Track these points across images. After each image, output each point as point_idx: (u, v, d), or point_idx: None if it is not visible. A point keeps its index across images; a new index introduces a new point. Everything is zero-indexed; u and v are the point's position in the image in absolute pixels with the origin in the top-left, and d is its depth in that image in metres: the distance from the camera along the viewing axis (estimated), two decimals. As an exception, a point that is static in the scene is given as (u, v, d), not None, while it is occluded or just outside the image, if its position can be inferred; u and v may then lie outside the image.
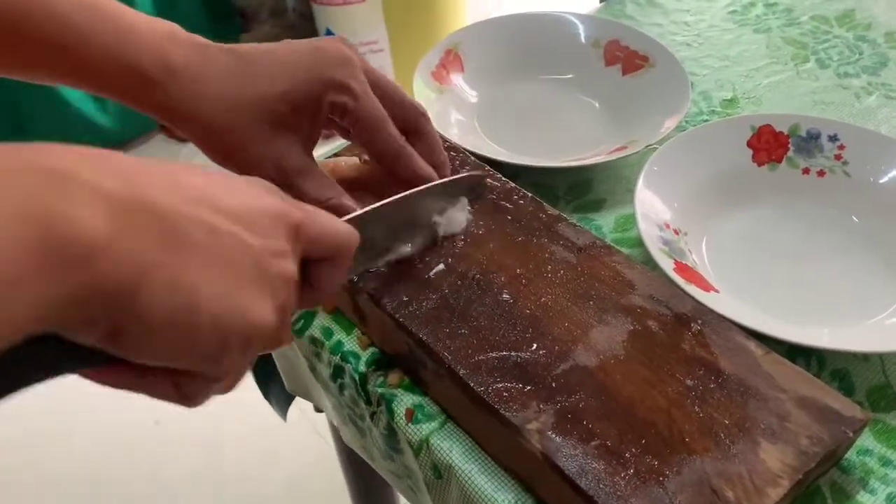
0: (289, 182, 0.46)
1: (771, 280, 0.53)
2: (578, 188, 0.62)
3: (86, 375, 0.30)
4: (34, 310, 0.23)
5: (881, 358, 0.48)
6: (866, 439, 0.44)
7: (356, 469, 0.85)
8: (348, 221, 0.39)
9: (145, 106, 0.44)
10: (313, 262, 0.36)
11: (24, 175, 0.23)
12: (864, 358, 0.48)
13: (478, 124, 0.69)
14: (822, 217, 0.57)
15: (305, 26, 1.42)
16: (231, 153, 0.47)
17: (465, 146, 0.60)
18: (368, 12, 1.37)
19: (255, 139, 0.45)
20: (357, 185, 0.52)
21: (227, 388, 0.33)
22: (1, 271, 0.22)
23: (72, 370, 0.28)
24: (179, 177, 0.29)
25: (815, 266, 0.54)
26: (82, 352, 0.27)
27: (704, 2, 0.87)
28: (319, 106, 0.45)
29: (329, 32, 1.20)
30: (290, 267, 0.32)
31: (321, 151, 0.55)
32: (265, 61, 0.45)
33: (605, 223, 0.58)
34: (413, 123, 0.49)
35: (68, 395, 1.59)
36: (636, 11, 0.83)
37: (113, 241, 0.24)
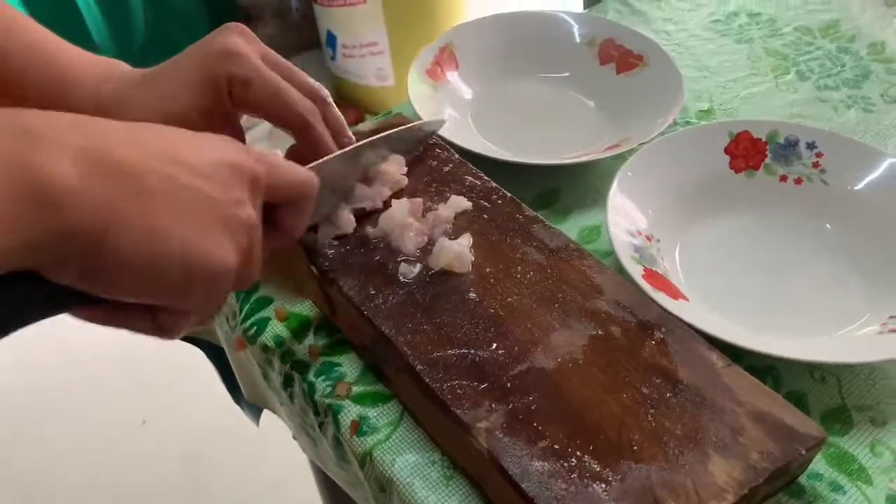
0: None
1: (744, 289, 0.53)
2: (546, 196, 0.62)
3: (73, 313, 0.33)
4: (14, 252, 0.26)
5: (838, 379, 0.47)
6: (818, 463, 0.43)
7: (325, 476, 0.85)
8: (312, 169, 0.42)
9: None
10: (278, 206, 0.39)
11: (1, 132, 0.27)
12: (822, 379, 0.47)
13: (471, 121, 0.69)
14: (798, 226, 0.56)
15: (309, 27, 1.42)
16: None
17: (457, 142, 0.60)
18: (369, 14, 1.37)
19: None
20: None
21: (201, 321, 0.36)
22: None
23: (56, 309, 0.31)
24: (144, 134, 0.33)
25: (789, 276, 0.53)
26: (64, 291, 0.30)
27: (687, 11, 0.86)
28: (223, 104, 0.47)
29: (330, 34, 1.21)
30: (250, 214, 0.35)
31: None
32: (164, 81, 0.47)
33: (570, 234, 0.56)
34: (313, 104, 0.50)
35: (55, 393, 1.63)
36: (618, 18, 0.83)
37: (82, 189, 0.28)
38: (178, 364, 1.07)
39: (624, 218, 0.53)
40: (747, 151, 0.59)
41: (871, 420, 0.46)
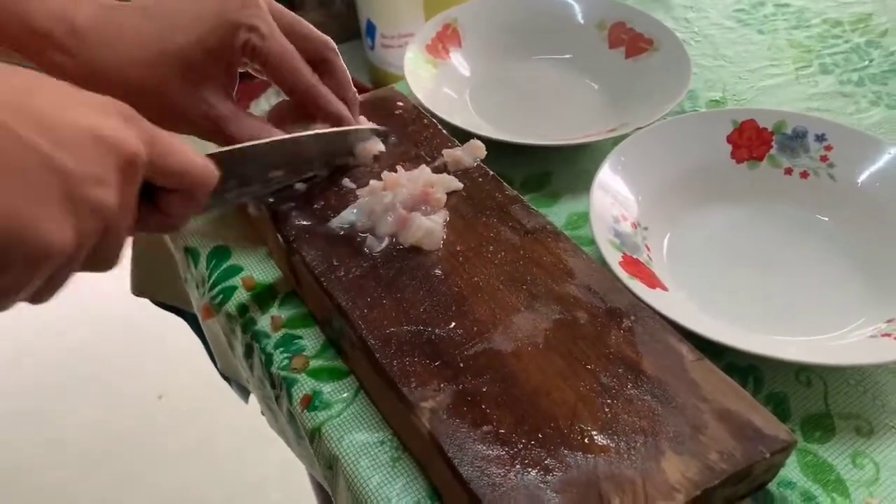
0: (218, 129, 0.46)
1: (734, 284, 0.49)
2: (536, 180, 0.59)
3: None
4: None
5: (825, 384, 0.44)
6: (792, 471, 0.40)
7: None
8: (214, 156, 0.38)
9: (53, 68, 0.44)
10: (165, 191, 0.36)
11: None
12: (807, 383, 0.44)
13: (469, 100, 0.67)
14: (800, 221, 0.53)
15: (352, 17, 1.41)
16: (154, 111, 0.45)
17: (450, 119, 0.58)
18: (408, 4, 1.35)
19: (177, 93, 0.46)
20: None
21: (35, 300, 0.31)
22: None
23: None
24: (10, 78, 0.28)
25: (786, 272, 0.50)
26: None
27: (710, -1, 0.82)
28: (232, 49, 0.45)
29: (369, 23, 1.20)
30: (108, 197, 0.31)
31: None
32: (175, 13, 0.45)
33: (557, 219, 0.55)
34: (321, 56, 0.49)
35: (71, 369, 1.65)
36: (637, 3, 0.80)
37: None
38: (192, 337, 1.07)
39: (611, 201, 0.50)
40: (751, 141, 0.56)
41: (856, 429, 0.42)
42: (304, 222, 0.48)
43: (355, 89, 0.52)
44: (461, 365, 0.40)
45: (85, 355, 1.69)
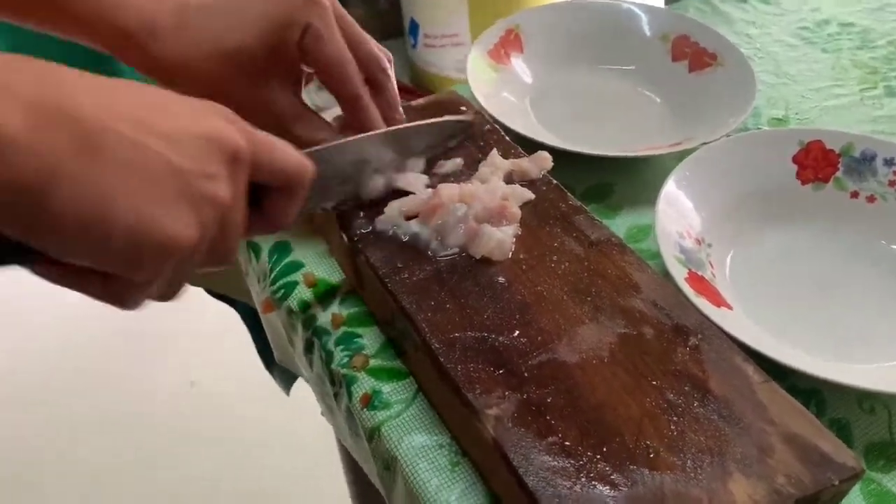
0: (282, 126, 0.47)
1: (796, 306, 0.49)
2: (598, 190, 0.59)
3: (27, 268, 0.31)
4: None
5: (889, 412, 0.43)
6: (854, 499, 0.40)
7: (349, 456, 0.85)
8: (309, 154, 0.39)
9: (131, 62, 0.46)
10: (267, 190, 0.37)
11: None
12: (871, 410, 0.44)
13: (529, 107, 0.67)
14: (863, 246, 0.52)
15: (395, 15, 1.41)
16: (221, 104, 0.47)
17: (511, 126, 0.59)
18: (453, 4, 1.35)
19: (243, 90, 0.47)
20: None
21: (162, 297, 0.34)
22: None
23: (8, 262, 0.30)
24: (117, 91, 0.30)
25: (847, 297, 0.49)
26: (16, 245, 0.28)
27: (773, 16, 0.81)
28: (290, 48, 0.46)
29: (413, 22, 1.20)
30: (222, 190, 0.33)
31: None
32: (240, 10, 0.46)
33: (617, 231, 0.54)
34: (372, 75, 0.50)
35: (102, 356, 1.68)
36: (698, 17, 0.79)
37: (27, 139, 0.26)
38: (228, 326, 1.09)
39: (675, 217, 0.50)
40: (817, 162, 0.55)
41: (921, 460, 0.42)
42: (370, 224, 0.49)
43: (402, 113, 0.52)
44: (525, 374, 0.40)
45: (118, 342, 1.72)
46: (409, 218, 0.48)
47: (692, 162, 0.53)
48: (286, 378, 0.84)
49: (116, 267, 0.30)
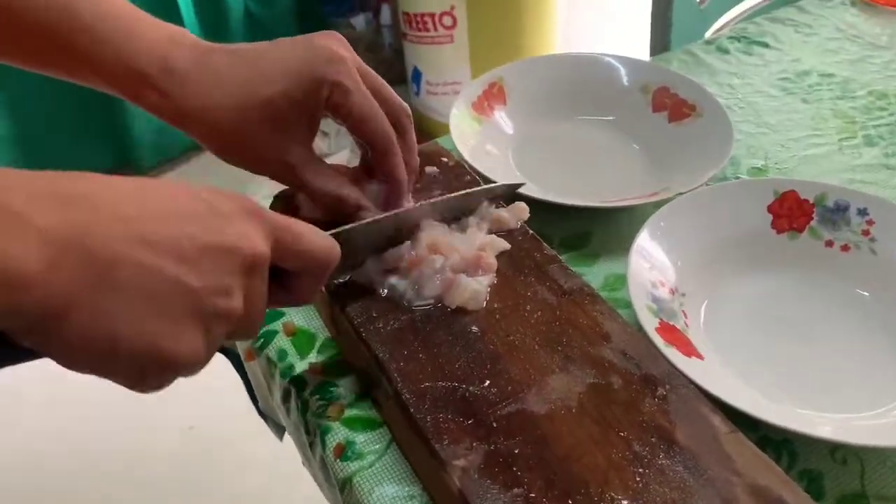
0: (293, 175, 0.48)
1: (770, 355, 0.49)
2: (575, 240, 0.60)
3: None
4: None
5: (862, 464, 0.43)
6: (824, 549, 0.40)
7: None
8: (335, 234, 0.40)
9: (148, 106, 0.47)
10: (292, 273, 0.38)
11: None
12: (843, 461, 0.44)
13: (511, 157, 0.69)
14: (839, 294, 0.53)
15: (400, 63, 1.45)
16: (237, 152, 0.49)
17: (492, 177, 0.60)
18: (455, 53, 1.38)
19: (260, 137, 0.47)
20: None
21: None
22: None
23: (22, 360, 0.32)
24: (129, 208, 0.30)
25: (823, 346, 0.50)
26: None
27: (755, 66, 0.83)
28: (317, 103, 0.47)
29: (416, 70, 1.23)
30: (233, 303, 0.34)
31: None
32: (265, 62, 0.47)
33: (595, 280, 0.55)
34: (396, 120, 0.50)
35: (100, 398, 1.68)
36: (682, 68, 0.81)
37: (44, 276, 0.27)
38: (227, 371, 1.09)
39: (648, 267, 0.51)
40: (792, 212, 0.56)
41: (894, 512, 0.42)
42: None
43: (418, 158, 0.53)
44: (494, 424, 0.40)
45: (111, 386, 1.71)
46: (387, 271, 0.49)
47: (666, 212, 0.54)
48: (279, 424, 0.84)
49: (120, 380, 0.31)
